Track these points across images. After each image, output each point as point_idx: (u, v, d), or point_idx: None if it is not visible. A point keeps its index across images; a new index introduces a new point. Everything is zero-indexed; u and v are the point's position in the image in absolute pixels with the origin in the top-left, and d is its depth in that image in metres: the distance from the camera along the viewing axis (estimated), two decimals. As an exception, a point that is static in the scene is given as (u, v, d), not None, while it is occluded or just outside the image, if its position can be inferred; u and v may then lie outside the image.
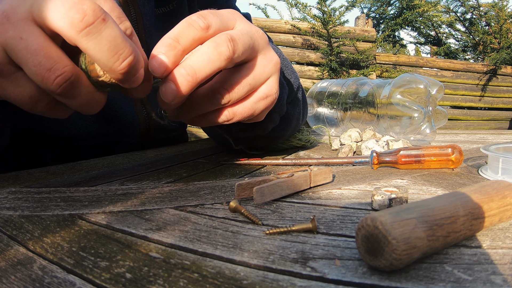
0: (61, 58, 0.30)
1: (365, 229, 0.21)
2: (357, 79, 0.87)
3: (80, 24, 0.28)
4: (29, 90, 0.32)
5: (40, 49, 0.29)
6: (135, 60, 0.31)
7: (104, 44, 0.29)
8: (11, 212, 0.32)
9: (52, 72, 0.29)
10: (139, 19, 0.67)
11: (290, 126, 0.58)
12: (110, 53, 0.29)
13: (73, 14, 0.28)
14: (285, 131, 0.57)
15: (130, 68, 0.31)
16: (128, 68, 0.31)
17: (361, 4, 4.60)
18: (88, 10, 0.28)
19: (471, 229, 0.24)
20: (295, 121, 0.58)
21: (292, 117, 0.57)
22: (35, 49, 0.29)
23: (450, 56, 4.67)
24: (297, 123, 0.60)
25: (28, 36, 0.29)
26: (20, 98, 0.32)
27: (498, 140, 0.85)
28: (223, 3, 0.81)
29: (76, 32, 0.28)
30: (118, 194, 0.38)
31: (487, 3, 4.43)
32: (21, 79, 0.31)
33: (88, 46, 0.29)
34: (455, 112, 4.05)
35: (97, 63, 0.31)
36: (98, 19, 0.28)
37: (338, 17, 3.34)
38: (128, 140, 0.71)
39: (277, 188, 0.34)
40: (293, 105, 0.57)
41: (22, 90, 0.32)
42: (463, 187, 0.34)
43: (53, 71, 0.30)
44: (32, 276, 0.21)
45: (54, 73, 0.30)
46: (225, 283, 0.20)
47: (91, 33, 0.28)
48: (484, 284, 0.19)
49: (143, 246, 0.25)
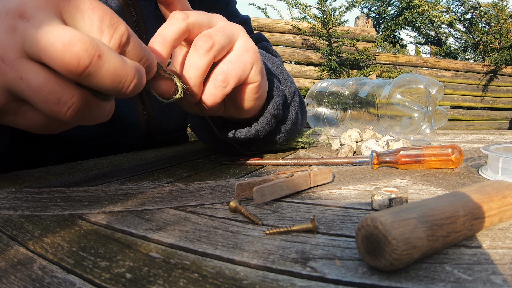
0: (66, 89, 0.30)
1: (365, 229, 0.21)
2: (357, 79, 0.87)
3: (77, 69, 0.28)
4: (39, 119, 0.32)
5: (43, 86, 0.29)
6: (139, 80, 0.32)
7: (106, 78, 0.29)
8: (11, 212, 0.32)
9: (61, 106, 0.30)
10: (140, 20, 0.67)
11: (286, 131, 0.58)
12: (114, 84, 0.30)
13: (68, 59, 0.27)
14: (282, 135, 0.58)
15: (136, 87, 0.32)
16: (134, 88, 0.31)
17: (361, 4, 4.60)
18: (81, 51, 0.27)
19: (471, 229, 0.24)
20: (292, 126, 0.59)
21: (288, 121, 0.57)
22: (37, 86, 0.29)
23: (450, 56, 4.67)
24: (294, 128, 0.61)
25: (27, 75, 0.28)
26: (31, 127, 0.32)
27: (498, 140, 0.85)
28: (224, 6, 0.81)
29: (75, 75, 0.28)
30: (118, 194, 0.38)
31: (487, 3, 4.43)
32: (28, 112, 0.31)
33: (91, 84, 0.29)
34: (455, 112, 4.05)
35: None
36: (94, 58, 0.28)
37: (338, 17, 3.34)
38: (128, 142, 0.71)
39: (277, 188, 0.34)
40: (289, 110, 0.58)
41: (33, 121, 0.32)
42: (463, 187, 0.34)
43: (62, 105, 0.30)
44: (32, 276, 0.21)
45: (64, 107, 0.30)
46: (225, 283, 0.20)
47: (90, 73, 0.28)
48: (484, 284, 0.19)
49: (143, 246, 0.25)
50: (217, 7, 0.79)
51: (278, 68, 0.60)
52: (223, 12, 0.83)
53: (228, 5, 0.83)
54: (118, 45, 0.31)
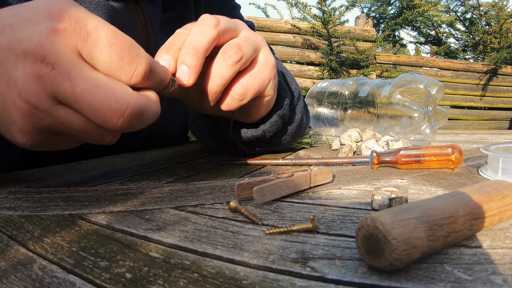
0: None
1: (365, 229, 0.21)
2: (357, 79, 0.87)
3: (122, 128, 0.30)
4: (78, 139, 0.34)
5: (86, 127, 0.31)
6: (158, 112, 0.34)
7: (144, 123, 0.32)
8: (11, 212, 0.32)
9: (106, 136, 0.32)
10: (148, 24, 0.67)
11: (292, 132, 0.58)
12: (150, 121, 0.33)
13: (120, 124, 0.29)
14: (287, 136, 0.58)
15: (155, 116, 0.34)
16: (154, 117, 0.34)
17: (361, 3, 4.59)
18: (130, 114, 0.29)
19: (471, 229, 0.24)
20: (297, 127, 0.59)
21: (293, 123, 0.58)
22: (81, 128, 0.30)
23: (450, 56, 4.67)
24: (299, 129, 0.61)
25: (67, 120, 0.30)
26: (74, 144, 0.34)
27: (498, 140, 0.85)
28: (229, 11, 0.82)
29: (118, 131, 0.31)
30: (118, 194, 0.38)
31: (487, 3, 4.43)
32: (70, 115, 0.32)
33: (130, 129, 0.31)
34: (455, 112, 4.05)
35: None
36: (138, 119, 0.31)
37: (338, 17, 3.33)
38: (129, 145, 0.71)
39: (277, 188, 0.34)
40: (294, 112, 0.58)
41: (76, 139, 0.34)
42: (463, 187, 0.34)
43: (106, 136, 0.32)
44: (32, 276, 0.21)
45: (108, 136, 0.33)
46: (225, 283, 0.20)
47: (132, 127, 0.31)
48: (484, 284, 0.19)
49: (143, 246, 0.25)
50: (222, 12, 0.80)
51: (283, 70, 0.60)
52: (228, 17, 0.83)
53: (233, 10, 0.83)
54: (140, 82, 0.31)
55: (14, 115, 0.29)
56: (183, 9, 0.73)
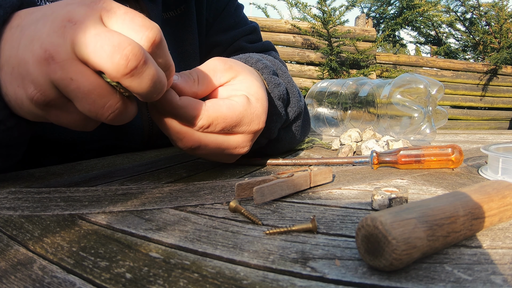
0: (112, 95, 0.33)
1: (365, 229, 0.21)
2: (357, 79, 0.87)
3: (124, 69, 0.30)
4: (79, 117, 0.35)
5: (93, 90, 0.31)
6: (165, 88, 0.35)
7: (145, 83, 0.32)
8: (11, 212, 0.32)
9: (106, 110, 0.33)
10: None
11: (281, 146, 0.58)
12: (150, 89, 0.33)
13: (117, 59, 0.30)
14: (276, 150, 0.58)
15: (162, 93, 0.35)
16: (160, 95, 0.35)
17: (361, 3, 4.60)
18: (131, 55, 0.30)
19: (471, 229, 0.24)
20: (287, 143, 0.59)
21: (283, 140, 0.57)
22: (87, 89, 0.31)
23: (450, 56, 4.67)
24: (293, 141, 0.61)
25: (77, 77, 0.31)
26: (72, 123, 0.35)
27: (498, 140, 0.85)
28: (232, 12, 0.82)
29: (120, 75, 0.31)
30: (118, 194, 0.38)
31: (487, 3, 4.43)
32: (72, 106, 0.34)
33: (131, 85, 0.32)
34: (455, 112, 4.05)
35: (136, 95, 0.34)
36: (140, 63, 0.31)
37: (338, 17, 3.34)
38: (130, 145, 0.71)
39: (277, 188, 0.34)
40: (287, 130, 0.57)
41: (74, 117, 0.35)
42: (463, 187, 0.34)
43: (107, 109, 0.33)
44: (32, 276, 0.21)
45: (108, 111, 0.33)
46: (225, 283, 0.20)
47: (134, 75, 0.31)
48: (484, 284, 0.19)
49: (143, 246, 0.25)
50: (225, 13, 0.80)
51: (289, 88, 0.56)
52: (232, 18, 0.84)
53: (236, 10, 0.83)
54: (150, 45, 0.33)
55: (30, 65, 0.31)
56: (184, 8, 0.73)
